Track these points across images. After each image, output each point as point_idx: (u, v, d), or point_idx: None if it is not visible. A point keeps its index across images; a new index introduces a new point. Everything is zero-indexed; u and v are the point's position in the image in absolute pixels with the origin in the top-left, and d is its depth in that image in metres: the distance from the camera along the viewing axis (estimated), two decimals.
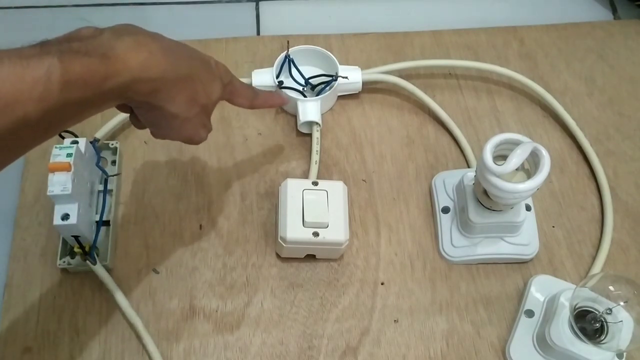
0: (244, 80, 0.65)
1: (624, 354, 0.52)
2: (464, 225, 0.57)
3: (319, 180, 0.57)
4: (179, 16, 0.74)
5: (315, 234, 0.53)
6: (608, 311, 0.49)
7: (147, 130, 0.63)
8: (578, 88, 0.69)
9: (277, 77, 0.64)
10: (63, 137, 0.52)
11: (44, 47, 0.34)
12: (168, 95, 0.40)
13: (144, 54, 0.37)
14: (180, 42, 0.43)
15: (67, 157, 0.48)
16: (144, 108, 0.42)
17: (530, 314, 0.54)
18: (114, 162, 0.59)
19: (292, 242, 0.54)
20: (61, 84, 0.33)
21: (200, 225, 0.58)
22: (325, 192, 0.55)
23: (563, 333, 0.49)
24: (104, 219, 0.55)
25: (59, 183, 0.47)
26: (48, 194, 0.47)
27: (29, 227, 0.57)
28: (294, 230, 0.53)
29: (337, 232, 0.54)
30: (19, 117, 0.31)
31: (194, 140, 0.47)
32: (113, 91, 0.36)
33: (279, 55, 0.64)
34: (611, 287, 0.49)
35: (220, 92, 0.46)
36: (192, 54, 0.43)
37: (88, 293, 0.54)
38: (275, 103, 0.56)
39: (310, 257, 0.57)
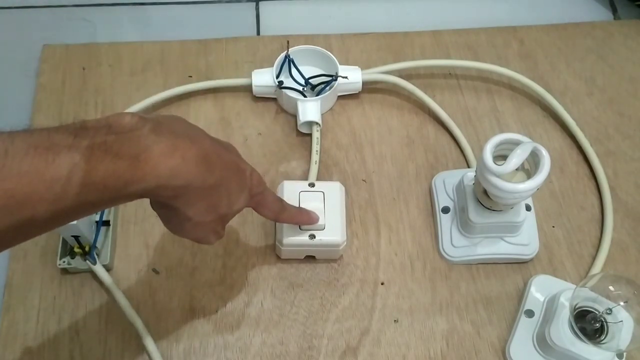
0: (244, 80, 0.65)
1: (624, 354, 0.52)
2: (464, 225, 0.57)
3: (315, 182, 0.57)
4: (179, 16, 0.74)
5: (312, 237, 0.53)
6: (608, 311, 0.49)
7: None
8: (578, 88, 0.69)
9: (277, 77, 0.64)
10: None
11: (78, 137, 0.32)
12: (187, 201, 0.37)
13: (176, 161, 0.34)
14: (223, 144, 0.41)
15: None
16: (158, 203, 0.40)
17: (530, 314, 0.54)
18: None
19: (289, 245, 0.54)
20: (80, 187, 0.31)
21: None
22: (322, 194, 0.55)
23: (563, 333, 0.49)
24: (104, 219, 0.55)
25: None
26: None
27: None
28: (290, 233, 0.53)
29: (333, 233, 0.54)
30: (26, 217, 0.29)
31: (200, 242, 0.45)
32: (132, 195, 0.34)
33: (279, 55, 0.64)
34: (611, 287, 0.49)
35: (246, 203, 0.43)
36: (228, 163, 0.40)
37: (88, 293, 0.54)
38: (301, 221, 0.52)
39: (311, 257, 0.57)
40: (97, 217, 0.54)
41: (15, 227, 0.29)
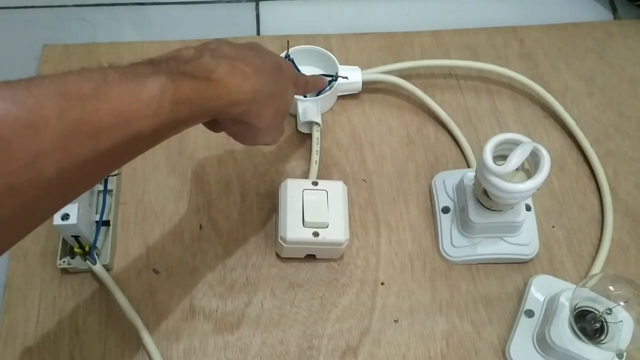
0: None
1: (624, 354, 0.52)
2: (464, 225, 0.57)
3: (318, 180, 0.57)
4: (179, 16, 0.74)
5: (315, 234, 0.53)
6: (608, 311, 0.49)
7: None
8: (578, 88, 0.69)
9: None
10: None
11: (156, 67, 0.36)
12: (256, 114, 0.42)
13: (239, 78, 0.40)
14: (261, 51, 0.46)
15: None
16: (230, 122, 0.44)
17: (530, 314, 0.54)
18: None
19: (292, 242, 0.54)
20: (172, 103, 0.35)
21: (200, 225, 0.58)
22: (325, 192, 0.55)
23: (563, 333, 0.49)
24: (104, 219, 0.55)
25: None
26: None
27: None
28: (294, 230, 0.53)
29: (337, 232, 0.54)
30: (134, 132, 0.33)
31: (269, 144, 0.50)
32: (212, 111, 0.39)
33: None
34: (611, 287, 0.49)
35: (293, 95, 0.49)
36: (274, 66, 0.45)
37: (88, 293, 0.54)
38: (319, 86, 0.58)
39: (310, 257, 0.57)
40: (97, 217, 0.54)
41: (127, 142, 0.33)
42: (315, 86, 0.57)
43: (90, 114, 0.31)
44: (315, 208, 0.54)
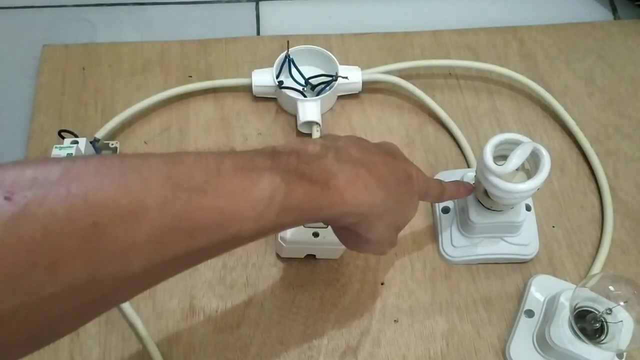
0: (244, 80, 0.65)
1: (624, 354, 0.52)
2: (464, 225, 0.57)
3: None
4: (179, 16, 0.74)
5: (315, 235, 0.53)
6: (608, 311, 0.49)
7: (147, 131, 0.63)
8: (578, 88, 0.69)
9: (277, 77, 0.64)
10: (63, 137, 0.52)
11: (275, 161, 0.33)
12: (368, 226, 0.39)
13: (359, 189, 0.36)
14: (390, 153, 0.42)
15: (67, 157, 0.48)
16: (340, 227, 0.41)
17: (530, 314, 0.54)
18: None
19: (292, 242, 0.54)
20: (280, 208, 0.32)
21: None
22: None
23: (563, 333, 0.49)
24: None
25: None
26: None
27: None
28: (294, 230, 0.53)
29: None
30: (233, 234, 0.30)
31: (376, 254, 0.47)
32: (320, 219, 0.36)
33: (279, 55, 0.64)
34: (611, 287, 0.49)
35: (417, 206, 0.44)
36: (400, 176, 0.41)
37: None
38: (462, 194, 0.52)
39: (310, 257, 0.57)
40: None
41: (223, 242, 0.30)
42: (456, 194, 0.51)
43: (193, 209, 0.28)
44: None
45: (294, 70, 0.64)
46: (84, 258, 0.25)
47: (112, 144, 0.60)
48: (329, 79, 0.63)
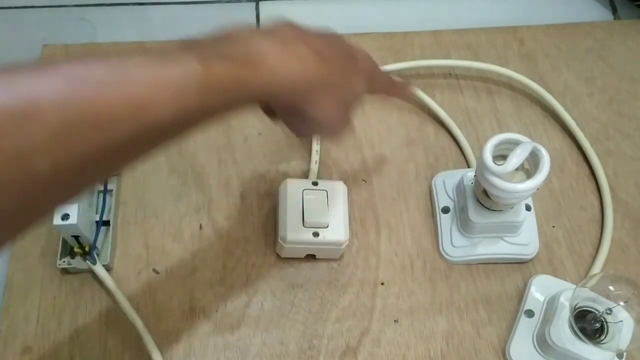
0: None
1: (624, 354, 0.52)
2: (464, 225, 0.57)
3: (318, 180, 0.57)
4: (179, 16, 0.74)
5: (316, 234, 0.53)
6: (608, 311, 0.49)
7: None
8: (578, 88, 0.69)
9: None
10: None
11: (187, 46, 0.32)
12: (313, 103, 0.37)
13: (293, 63, 0.34)
14: (334, 37, 0.40)
15: None
16: (285, 111, 0.40)
17: (530, 314, 0.54)
18: None
19: (292, 243, 0.54)
20: (198, 89, 0.30)
21: (200, 225, 0.58)
22: (325, 192, 0.55)
23: (563, 333, 0.49)
24: (104, 219, 0.55)
25: None
26: None
27: None
28: (294, 230, 0.53)
29: (337, 232, 0.54)
30: (148, 122, 0.29)
31: (332, 137, 0.45)
32: (253, 98, 0.34)
33: None
34: (611, 287, 0.49)
35: (363, 85, 0.42)
36: (342, 53, 0.40)
37: (88, 293, 0.54)
38: (406, 95, 0.51)
39: (310, 257, 0.57)
40: (97, 217, 0.54)
41: (142, 133, 0.29)
42: (399, 93, 0.49)
43: (96, 104, 0.27)
44: (315, 208, 0.54)
45: None
46: None
47: None
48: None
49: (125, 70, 0.28)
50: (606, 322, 0.49)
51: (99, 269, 0.53)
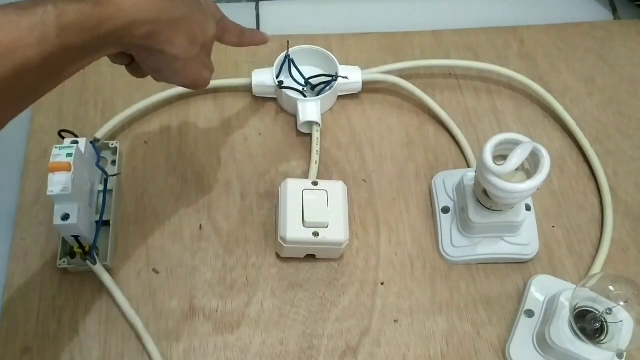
0: (244, 80, 0.65)
1: (624, 354, 0.52)
2: (464, 225, 0.57)
3: (318, 180, 0.57)
4: None
5: (316, 234, 0.53)
6: (608, 311, 0.49)
7: (147, 131, 0.64)
8: (578, 88, 0.69)
9: (277, 77, 0.64)
10: (63, 137, 0.52)
11: None
12: (167, 38, 0.40)
13: None
14: None
15: (67, 157, 0.48)
16: (144, 54, 0.42)
17: (530, 314, 0.54)
18: (114, 162, 0.59)
19: (292, 242, 0.54)
20: (57, 29, 0.33)
21: (200, 225, 0.58)
22: (325, 192, 0.55)
23: (563, 333, 0.49)
24: (104, 219, 0.55)
25: (59, 183, 0.47)
26: (48, 194, 0.47)
27: (29, 227, 0.57)
28: (294, 230, 0.53)
29: (337, 232, 0.54)
30: (20, 63, 0.32)
31: (197, 84, 0.47)
32: (110, 36, 0.37)
33: (279, 55, 0.64)
34: (611, 287, 0.49)
35: (215, 28, 0.46)
36: None
37: (88, 293, 0.54)
38: (260, 40, 0.55)
39: (310, 257, 0.57)
40: (97, 217, 0.54)
41: (14, 75, 0.32)
42: (252, 40, 0.53)
43: None
44: (315, 208, 0.54)
45: (294, 70, 0.64)
46: None
47: (112, 144, 0.60)
48: (329, 79, 0.63)
49: None
50: (606, 322, 0.49)
51: (99, 269, 0.53)
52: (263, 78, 0.64)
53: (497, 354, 0.54)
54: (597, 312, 0.49)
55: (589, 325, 0.49)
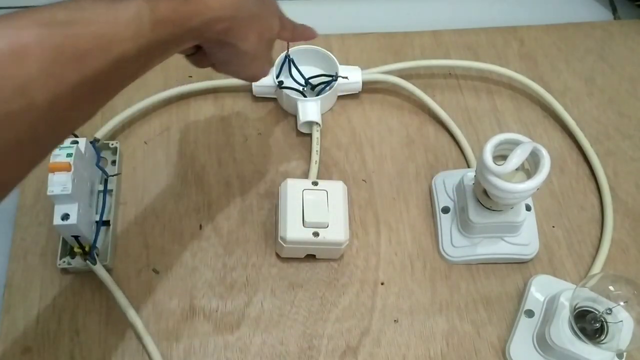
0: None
1: (624, 354, 0.52)
2: (464, 225, 0.57)
3: (318, 180, 0.57)
4: None
5: (316, 234, 0.53)
6: (608, 311, 0.49)
7: (147, 131, 0.63)
8: (578, 88, 0.69)
9: (277, 77, 0.64)
10: None
11: None
12: (241, 34, 0.43)
13: None
14: None
15: (67, 157, 0.48)
16: (216, 47, 0.44)
17: (530, 314, 0.54)
18: (114, 162, 0.59)
19: (292, 242, 0.54)
20: (151, 24, 0.35)
21: (200, 225, 0.58)
22: (325, 192, 0.55)
23: (563, 333, 0.49)
24: (104, 219, 0.55)
25: (59, 183, 0.47)
26: (48, 194, 0.47)
27: (29, 227, 0.57)
28: (294, 230, 0.53)
29: (337, 232, 0.54)
30: (118, 55, 0.34)
31: (257, 77, 0.50)
32: (194, 30, 0.39)
33: (279, 55, 0.64)
34: (611, 287, 0.49)
35: (279, 25, 0.48)
36: None
37: (88, 293, 0.54)
38: (310, 36, 0.56)
39: (310, 257, 0.57)
40: (97, 217, 0.54)
41: (112, 66, 0.34)
42: (303, 35, 0.55)
43: (70, 39, 0.31)
44: (315, 208, 0.54)
45: (294, 70, 0.64)
46: None
47: (112, 144, 0.60)
48: (329, 79, 0.63)
49: (85, 12, 0.33)
50: (606, 322, 0.49)
51: (99, 269, 0.53)
52: (263, 78, 0.64)
53: (497, 354, 0.54)
54: (597, 312, 0.49)
55: (589, 325, 0.49)
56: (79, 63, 0.32)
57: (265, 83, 0.63)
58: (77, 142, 0.51)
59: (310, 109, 0.62)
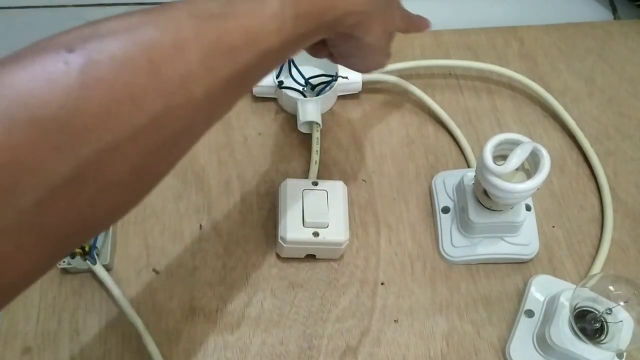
0: None
1: (624, 354, 0.52)
2: (464, 225, 0.57)
3: (318, 180, 0.57)
4: None
5: (316, 234, 0.53)
6: (608, 311, 0.49)
7: None
8: (578, 88, 0.69)
9: (277, 77, 0.64)
10: None
11: None
12: (367, 28, 0.43)
13: None
14: None
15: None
16: (342, 39, 0.44)
17: (530, 314, 0.54)
18: None
19: (292, 243, 0.54)
20: (293, 18, 0.35)
21: (200, 225, 0.58)
22: (325, 192, 0.55)
23: (563, 333, 0.49)
24: None
25: None
26: None
27: None
28: (294, 230, 0.53)
29: (337, 232, 0.54)
30: (264, 49, 0.34)
31: (374, 69, 0.50)
32: (328, 23, 0.39)
33: None
34: (611, 287, 0.49)
35: (400, 18, 0.48)
36: None
37: (88, 293, 0.54)
38: (424, 26, 0.56)
39: (310, 257, 0.57)
40: None
41: (260, 59, 0.34)
42: (418, 26, 0.55)
43: (223, 33, 0.32)
44: (315, 208, 0.54)
45: (293, 70, 0.64)
46: (154, 89, 0.29)
47: None
48: (329, 79, 0.63)
49: (232, 5, 0.33)
50: (606, 322, 0.49)
51: (99, 269, 0.53)
52: None
53: (497, 354, 0.54)
54: (597, 312, 0.49)
55: (589, 325, 0.49)
56: (231, 57, 0.32)
57: (265, 83, 0.63)
58: None
59: (310, 109, 0.62)
